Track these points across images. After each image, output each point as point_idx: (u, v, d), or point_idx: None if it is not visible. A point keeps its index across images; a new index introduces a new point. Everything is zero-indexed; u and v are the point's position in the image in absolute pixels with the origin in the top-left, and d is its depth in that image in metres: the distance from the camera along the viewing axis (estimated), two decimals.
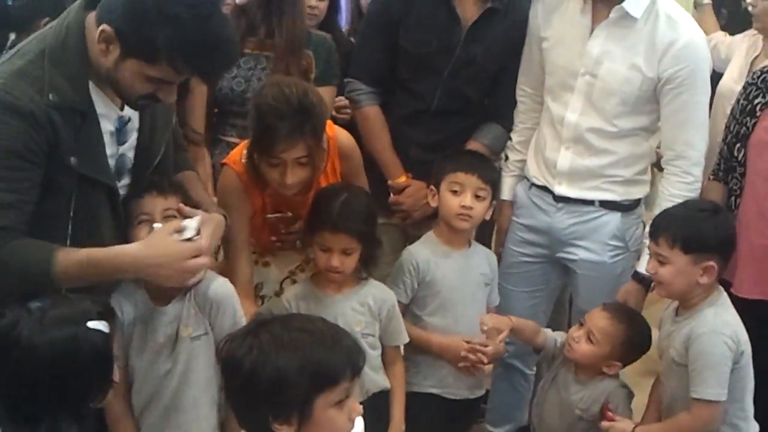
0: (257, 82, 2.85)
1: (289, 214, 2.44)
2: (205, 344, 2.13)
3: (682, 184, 2.61)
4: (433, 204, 2.62)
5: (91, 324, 1.71)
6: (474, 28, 2.80)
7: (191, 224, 1.95)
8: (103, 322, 1.74)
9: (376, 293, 2.45)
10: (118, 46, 1.83)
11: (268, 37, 2.91)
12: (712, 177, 2.78)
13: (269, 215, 2.45)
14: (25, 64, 1.85)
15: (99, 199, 1.96)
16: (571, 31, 2.68)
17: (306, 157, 2.25)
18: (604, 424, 2.42)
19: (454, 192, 2.55)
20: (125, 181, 2.07)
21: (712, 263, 2.30)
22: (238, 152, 2.42)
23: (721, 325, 2.30)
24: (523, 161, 2.88)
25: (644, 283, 2.63)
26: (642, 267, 2.63)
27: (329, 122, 2.46)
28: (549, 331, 2.70)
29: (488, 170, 2.62)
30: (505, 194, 2.88)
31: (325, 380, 1.56)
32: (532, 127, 2.86)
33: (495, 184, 2.65)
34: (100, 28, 1.82)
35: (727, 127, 2.76)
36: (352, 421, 1.62)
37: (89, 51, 1.88)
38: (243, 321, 2.12)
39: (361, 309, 2.41)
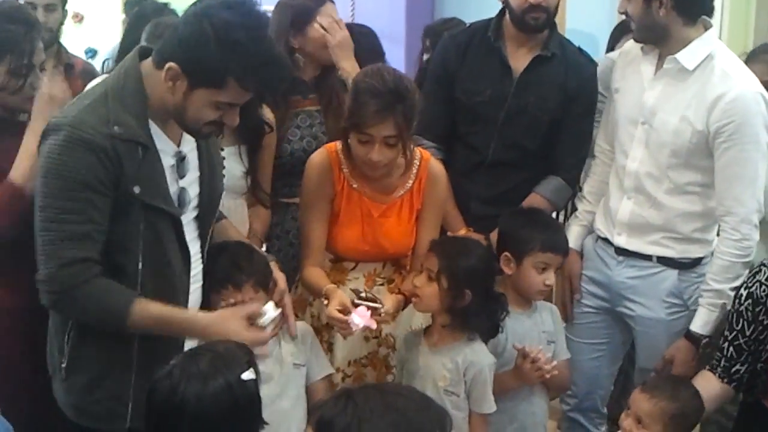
0: (323, 136, 2.94)
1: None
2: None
3: (730, 241, 2.57)
4: (508, 272, 2.58)
5: (245, 375, 1.77)
6: (524, 76, 2.85)
7: (270, 314, 2.08)
8: (252, 369, 1.79)
9: (469, 353, 2.43)
10: (185, 81, 1.95)
11: (310, 93, 3.00)
12: (708, 368, 2.54)
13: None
14: (91, 102, 2.00)
15: (165, 228, 2.06)
16: (635, 80, 2.71)
17: (394, 138, 2.36)
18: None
19: (541, 269, 2.55)
20: (193, 213, 2.18)
21: None
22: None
23: None
24: (592, 212, 2.89)
25: (696, 342, 2.62)
26: (695, 325, 2.61)
27: (422, 149, 2.62)
28: None
29: (567, 242, 2.68)
30: (572, 243, 2.87)
31: None
32: (604, 180, 2.87)
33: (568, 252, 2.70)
34: (167, 66, 1.95)
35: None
36: None
37: (148, 95, 2.00)
38: None
39: (449, 365, 2.42)
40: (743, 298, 2.45)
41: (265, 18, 2.02)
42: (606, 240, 2.81)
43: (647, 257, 2.72)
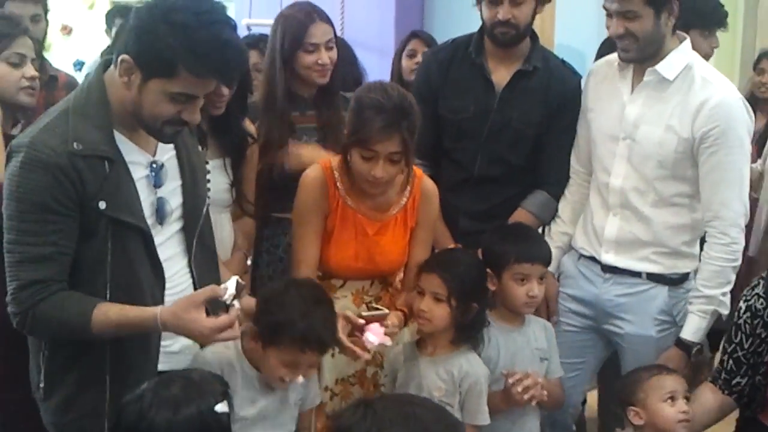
0: None
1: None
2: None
3: (719, 245, 2.58)
4: (492, 288, 2.57)
5: (218, 408, 1.75)
6: (507, 91, 2.86)
7: (231, 289, 1.98)
8: (226, 403, 1.78)
9: (464, 364, 2.44)
10: (138, 72, 1.92)
11: (308, 109, 2.97)
12: (710, 380, 2.59)
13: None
14: (51, 120, 1.97)
15: (134, 243, 2.02)
16: (612, 97, 2.71)
17: (398, 154, 2.35)
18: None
19: (520, 281, 2.55)
20: (177, 225, 2.14)
21: None
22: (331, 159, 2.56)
23: None
24: (566, 234, 2.89)
25: (687, 350, 2.62)
26: (686, 333, 2.62)
27: (415, 167, 2.57)
28: None
29: (547, 252, 2.65)
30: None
31: None
32: (579, 200, 2.87)
33: (550, 261, 2.68)
34: (119, 59, 1.92)
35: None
36: None
37: (111, 104, 1.98)
38: None
39: (444, 376, 2.43)
40: (742, 311, 2.45)
41: (219, 5, 1.96)
42: (591, 258, 2.79)
43: (636, 274, 2.71)
